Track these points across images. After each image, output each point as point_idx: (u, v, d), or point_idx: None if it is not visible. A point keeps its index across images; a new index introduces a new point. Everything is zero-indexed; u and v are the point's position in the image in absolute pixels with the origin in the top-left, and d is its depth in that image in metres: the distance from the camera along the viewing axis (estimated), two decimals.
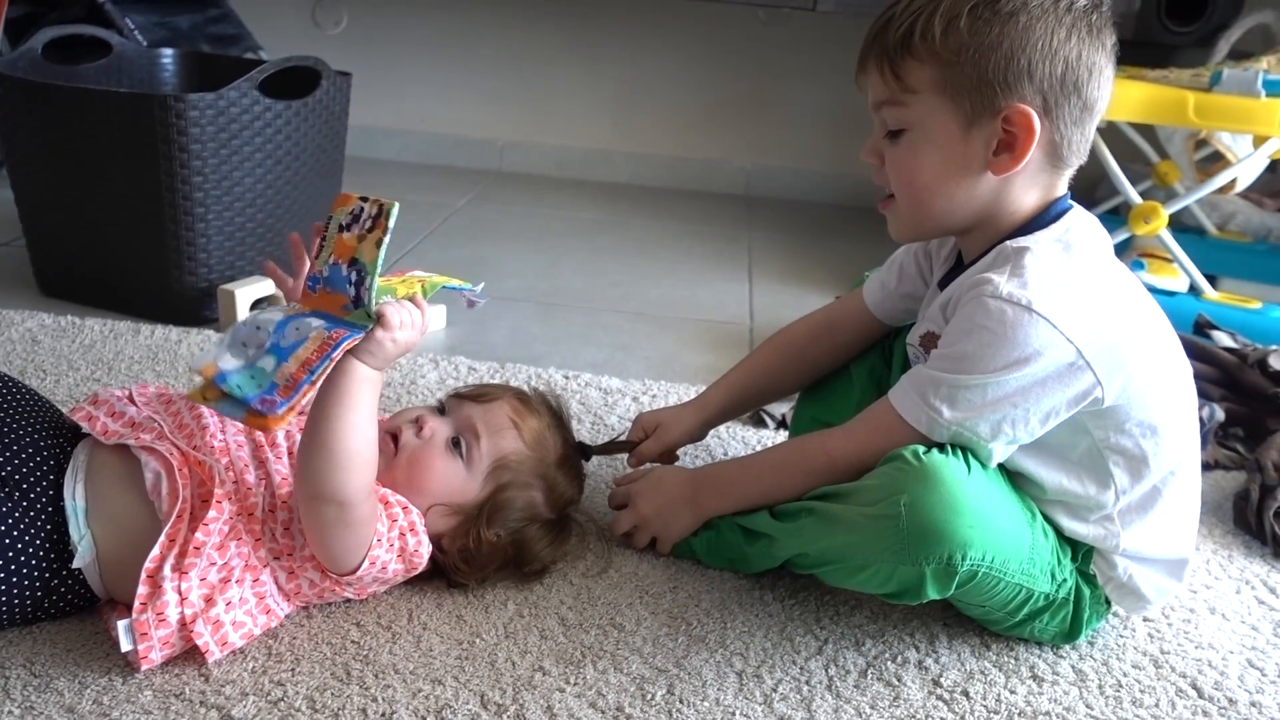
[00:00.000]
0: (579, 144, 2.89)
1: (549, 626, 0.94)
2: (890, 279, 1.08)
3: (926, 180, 0.89)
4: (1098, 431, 0.88)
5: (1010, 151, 0.86)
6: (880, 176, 0.93)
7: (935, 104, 0.86)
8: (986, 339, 0.84)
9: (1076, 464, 0.90)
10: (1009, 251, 0.87)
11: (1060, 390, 0.84)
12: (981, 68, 0.84)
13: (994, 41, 0.83)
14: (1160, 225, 1.72)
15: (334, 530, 0.86)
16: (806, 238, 2.47)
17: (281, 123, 1.60)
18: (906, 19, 0.86)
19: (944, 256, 1.02)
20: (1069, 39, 0.84)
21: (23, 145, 1.58)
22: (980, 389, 0.85)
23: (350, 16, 2.83)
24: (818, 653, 0.94)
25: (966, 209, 0.90)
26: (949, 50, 0.84)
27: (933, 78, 0.85)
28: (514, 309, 1.81)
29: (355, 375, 0.84)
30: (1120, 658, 0.97)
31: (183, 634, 0.82)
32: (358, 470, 0.85)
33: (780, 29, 2.73)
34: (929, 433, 0.88)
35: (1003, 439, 0.86)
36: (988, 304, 0.84)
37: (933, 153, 0.88)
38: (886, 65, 0.87)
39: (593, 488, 1.18)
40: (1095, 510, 0.91)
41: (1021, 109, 0.84)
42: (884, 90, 0.89)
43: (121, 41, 1.85)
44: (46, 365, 1.38)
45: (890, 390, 0.92)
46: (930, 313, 0.95)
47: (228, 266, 1.58)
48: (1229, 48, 2.08)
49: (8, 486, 0.85)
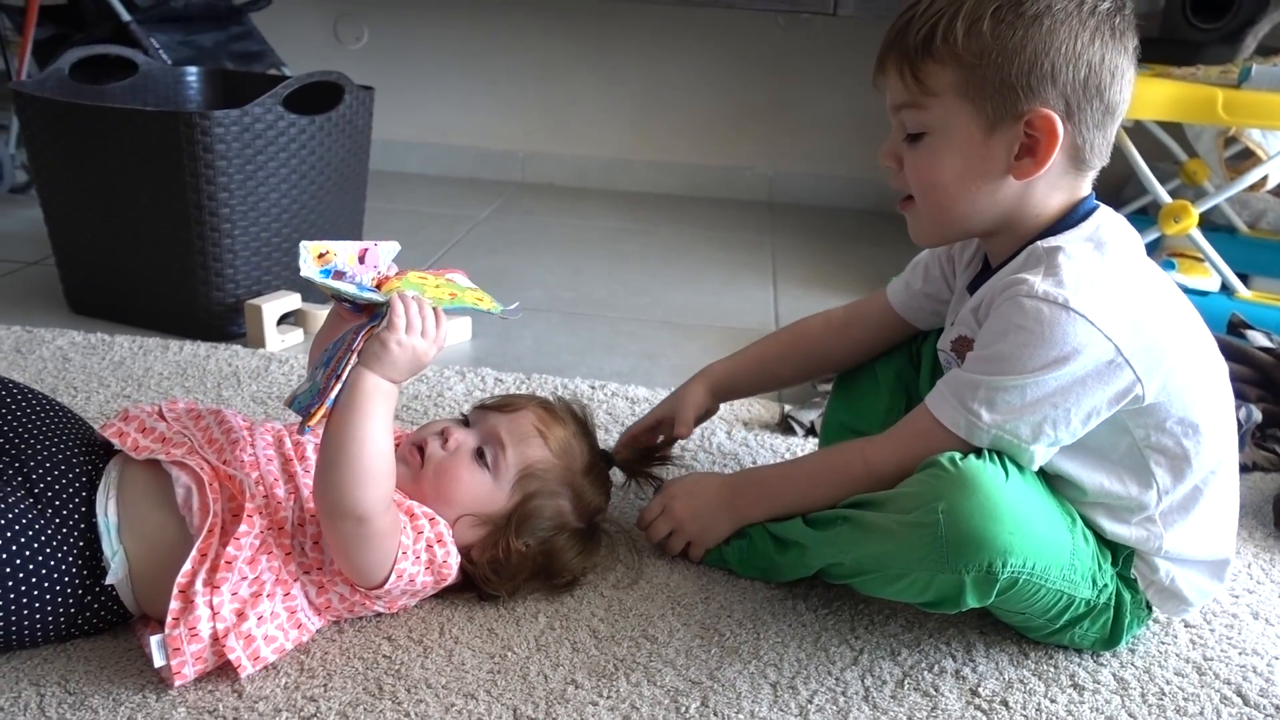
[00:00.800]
0: (600, 153, 2.90)
1: (581, 639, 0.93)
2: (915, 279, 1.08)
3: (947, 184, 0.88)
4: (1138, 430, 0.87)
5: (1032, 155, 0.85)
6: (898, 180, 0.92)
7: (956, 107, 0.85)
8: (1024, 339, 0.83)
9: (1117, 464, 0.89)
10: (1040, 252, 0.86)
11: (1100, 388, 0.83)
12: (1004, 71, 0.82)
13: (1017, 45, 0.82)
14: (1191, 224, 1.70)
15: (355, 545, 0.86)
16: (830, 243, 2.46)
17: (306, 138, 1.60)
18: (927, 21, 0.85)
19: (967, 260, 1.01)
20: (1092, 42, 0.82)
21: (51, 165, 1.60)
22: (1019, 390, 0.83)
23: (371, 32, 2.85)
24: (853, 663, 0.92)
25: (988, 213, 0.89)
26: (971, 53, 0.83)
27: (954, 80, 0.84)
28: (538, 319, 1.81)
29: (365, 386, 0.84)
30: (1163, 665, 0.95)
31: (215, 649, 0.82)
32: (373, 484, 0.84)
33: (800, 33, 2.72)
34: (968, 437, 0.86)
35: (1044, 440, 0.85)
36: (1024, 304, 0.83)
37: (953, 157, 0.87)
38: (906, 67, 0.86)
39: (621, 497, 1.17)
40: (1137, 511, 0.90)
41: (1044, 113, 0.83)
42: (903, 93, 0.88)
43: (147, 60, 1.87)
44: (77, 383, 1.39)
45: (927, 396, 0.91)
46: (961, 317, 0.94)
47: (254, 281, 1.59)
48: (1256, 43, 2.05)
49: (41, 503, 0.85)
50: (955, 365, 0.93)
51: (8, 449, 0.90)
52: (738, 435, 1.36)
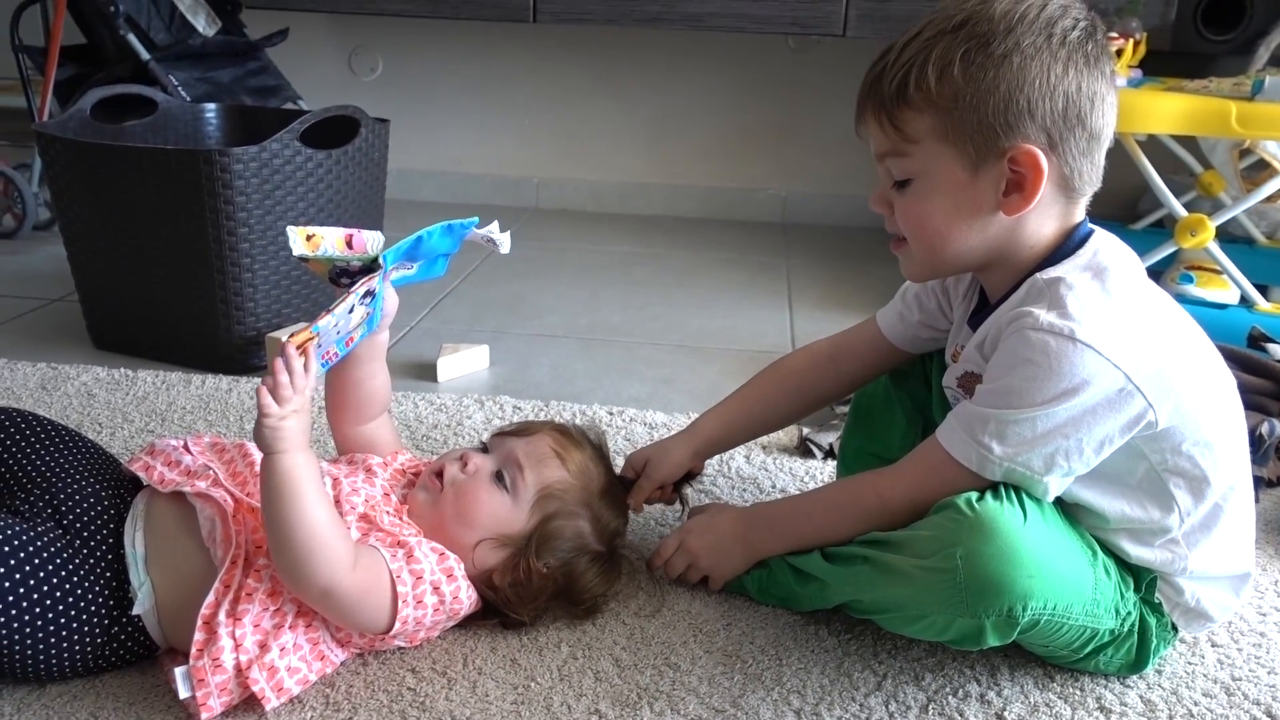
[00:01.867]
0: (613, 178, 2.92)
1: (603, 668, 0.93)
2: (910, 311, 1.07)
3: (937, 226, 0.88)
4: (1154, 455, 0.86)
5: (1020, 191, 0.84)
6: (892, 224, 0.92)
7: (938, 151, 0.85)
8: (1032, 372, 0.82)
9: (1136, 489, 0.88)
10: (1041, 284, 0.86)
11: (1112, 417, 0.83)
12: (981, 112, 0.82)
13: (990, 85, 0.82)
14: (1208, 237, 1.70)
15: (337, 612, 0.86)
16: (845, 262, 2.46)
17: (323, 171, 1.62)
18: (899, 70, 0.85)
19: (962, 292, 1.01)
20: (1066, 73, 0.82)
21: (74, 203, 1.62)
22: (1030, 422, 0.83)
23: (385, 63, 2.88)
24: (877, 689, 0.92)
25: (980, 249, 0.89)
26: (945, 98, 0.83)
27: (932, 126, 0.84)
28: (555, 345, 1.81)
29: (270, 469, 0.83)
30: (1190, 686, 0.94)
31: (239, 681, 0.83)
32: (316, 557, 0.82)
33: (810, 55, 2.74)
34: (980, 470, 0.86)
35: (1057, 472, 0.85)
36: (1030, 337, 0.82)
37: (942, 199, 0.87)
38: (885, 117, 0.86)
39: (641, 524, 1.17)
40: (1160, 535, 0.89)
41: (1026, 149, 0.83)
42: (885, 142, 0.88)
43: (166, 98, 1.90)
44: (102, 418, 1.41)
45: (938, 429, 0.91)
46: (967, 354, 0.94)
47: (274, 315, 1.61)
48: (1269, 55, 2.05)
49: (70, 534, 0.87)
50: (963, 400, 0.93)
51: (39, 481, 0.92)
52: (756, 459, 1.36)
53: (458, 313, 1.98)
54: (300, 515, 0.83)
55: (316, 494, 0.85)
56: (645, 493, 1.12)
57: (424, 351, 1.74)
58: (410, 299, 1.99)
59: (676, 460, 1.12)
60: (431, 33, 2.81)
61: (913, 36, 0.85)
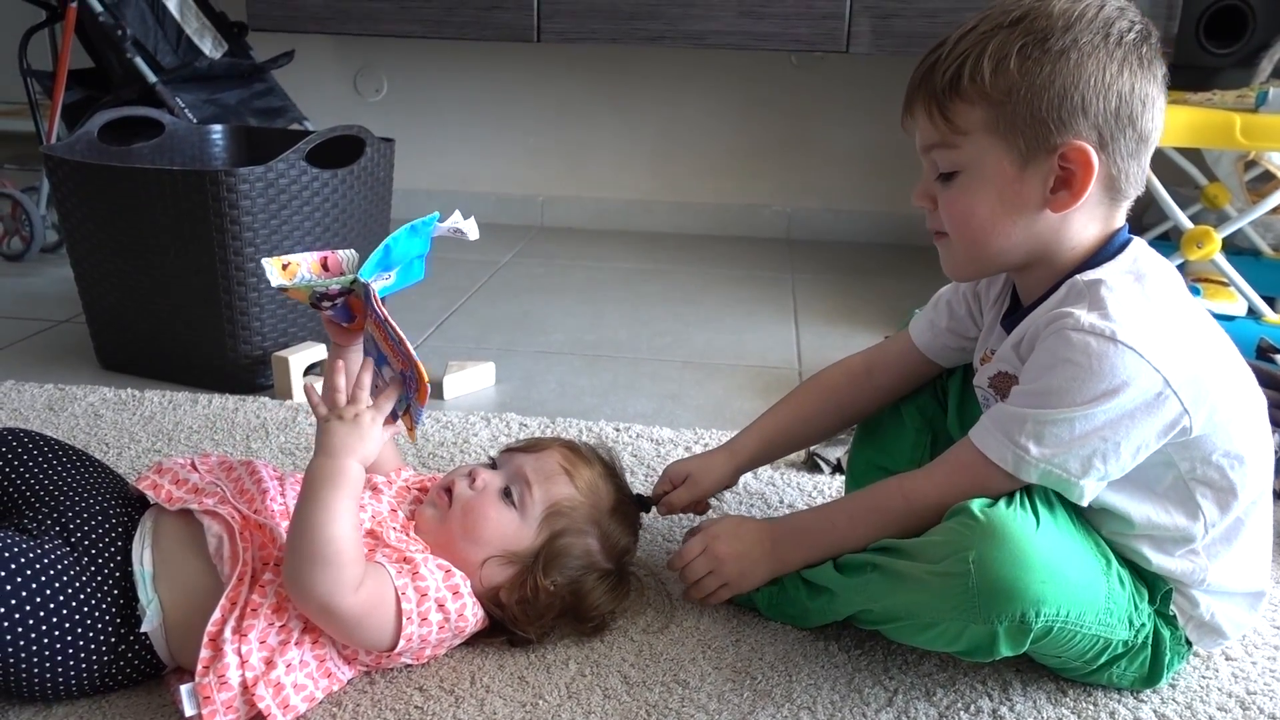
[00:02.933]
0: (618, 195, 2.92)
1: (612, 685, 0.93)
2: (940, 318, 1.07)
3: (983, 221, 0.88)
4: (1184, 464, 0.86)
5: (1068, 188, 0.84)
6: (933, 219, 0.92)
7: (988, 144, 0.85)
8: (1072, 372, 0.82)
9: (1163, 497, 0.88)
10: (1081, 286, 0.86)
11: (1149, 421, 0.82)
12: (1034, 107, 0.82)
13: (1046, 80, 0.82)
14: (1214, 249, 1.69)
15: (337, 630, 0.86)
16: (851, 278, 2.46)
17: (329, 191, 1.63)
18: (953, 61, 0.85)
19: (995, 295, 1.00)
20: (1121, 73, 0.83)
21: (81, 225, 1.63)
22: (1068, 423, 0.83)
23: (390, 83, 2.90)
24: (888, 704, 0.91)
25: (1024, 247, 0.88)
26: (1000, 91, 0.83)
27: (984, 119, 0.84)
28: (561, 362, 1.81)
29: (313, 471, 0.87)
30: (1204, 700, 0.93)
31: (245, 698, 0.82)
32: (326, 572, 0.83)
33: (813, 72, 2.74)
34: (1016, 471, 0.85)
35: (1094, 475, 0.84)
36: (1070, 337, 0.82)
37: (988, 194, 0.86)
38: (935, 108, 0.86)
39: (649, 540, 1.17)
40: (1183, 544, 0.89)
41: (1078, 145, 0.83)
42: (934, 133, 0.88)
43: (173, 120, 1.91)
44: (109, 439, 1.41)
45: (971, 430, 0.90)
46: (1001, 353, 0.93)
47: (280, 334, 1.61)
48: (1272, 67, 2.05)
49: (77, 551, 0.87)
50: (994, 401, 0.93)
51: (46, 500, 0.93)
52: (764, 474, 1.35)
53: (464, 330, 1.98)
54: (319, 527, 0.84)
55: (342, 511, 0.85)
56: (683, 504, 1.13)
57: (430, 369, 1.74)
58: (417, 317, 2.00)
59: (718, 477, 1.13)
60: (436, 53, 2.83)
61: (968, 30, 0.86)
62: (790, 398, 1.18)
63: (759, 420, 1.17)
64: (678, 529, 1.20)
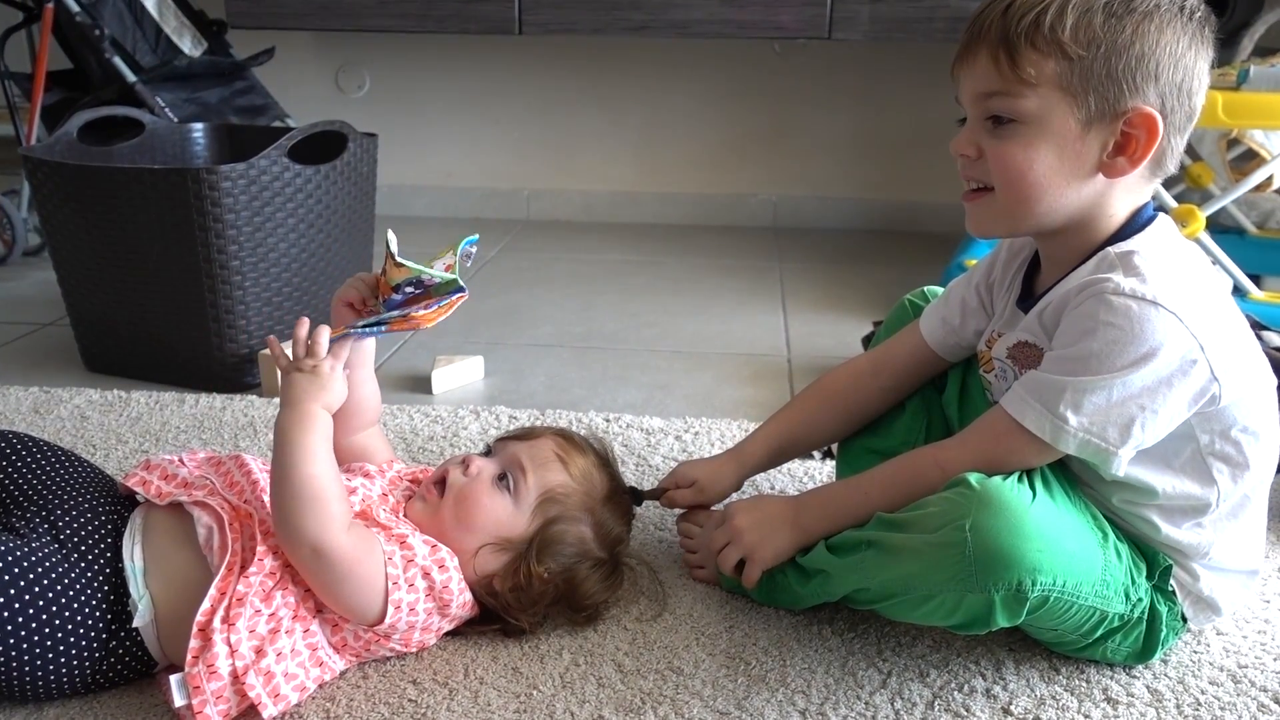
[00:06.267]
0: (604, 187, 2.92)
1: (606, 674, 0.93)
2: (953, 316, 1.05)
3: (1038, 177, 0.86)
4: (1204, 437, 0.87)
5: (1125, 154, 0.84)
6: (973, 169, 0.90)
7: (1054, 99, 0.83)
8: (1113, 335, 0.82)
9: (1179, 471, 0.88)
10: (1113, 256, 0.86)
11: (1183, 386, 0.82)
12: (1112, 66, 0.81)
13: (1127, 40, 0.81)
14: (1198, 228, 1.70)
15: (327, 579, 0.86)
16: (838, 265, 2.46)
17: (312, 187, 1.62)
18: (1031, 8, 0.83)
19: (1007, 283, 1.00)
20: (1190, 46, 0.83)
21: (63, 227, 1.62)
22: (1105, 390, 0.82)
23: (372, 79, 2.88)
24: (882, 686, 0.91)
25: (1067, 210, 0.87)
26: (1079, 44, 0.82)
27: (1056, 72, 0.83)
28: (550, 355, 1.81)
29: (281, 420, 0.89)
30: (1196, 674, 0.94)
31: (235, 688, 0.82)
32: (312, 510, 0.85)
33: (796, 59, 2.74)
34: (1054, 441, 0.85)
35: (1131, 443, 0.84)
36: (1111, 300, 0.82)
37: (1048, 149, 0.85)
38: (1004, 54, 0.84)
39: (641, 529, 1.17)
40: (1193, 515, 0.90)
41: (1146, 111, 0.82)
42: (995, 80, 0.85)
43: (153, 120, 1.90)
44: (96, 440, 1.40)
45: (1003, 398, 0.89)
46: (1025, 323, 0.93)
47: (266, 331, 1.60)
48: (1253, 45, 2.06)
49: (66, 548, 0.87)
50: (1014, 373, 0.92)
51: (35, 499, 0.92)
52: None
53: (451, 324, 1.95)
54: (294, 466, 0.86)
55: (315, 450, 0.87)
56: (685, 504, 1.14)
57: (418, 364, 1.74)
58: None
59: (724, 488, 1.14)
60: (418, 48, 2.82)
61: None
62: (796, 402, 1.18)
63: (765, 426, 1.17)
64: (670, 518, 1.20)
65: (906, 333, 1.11)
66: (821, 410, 1.14)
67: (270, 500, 0.88)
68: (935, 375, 1.10)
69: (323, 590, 0.87)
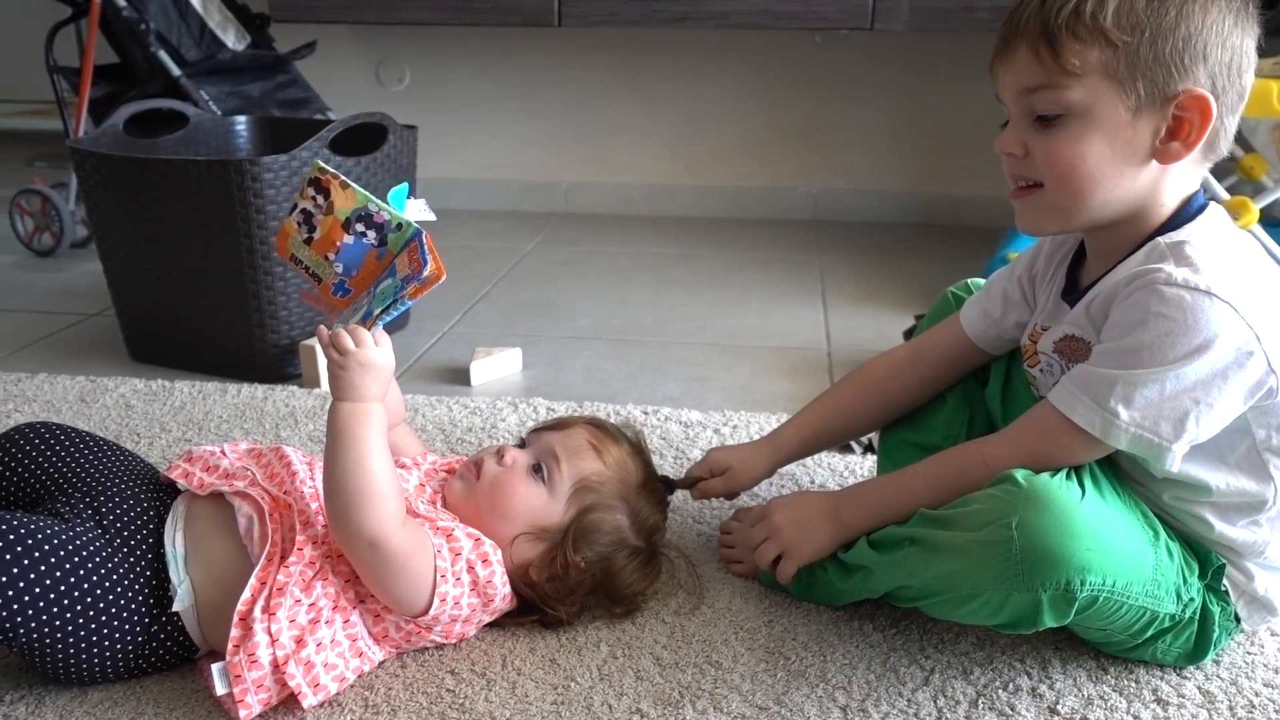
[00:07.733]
0: (642, 180, 2.91)
1: (644, 667, 0.92)
2: (994, 307, 1.03)
3: (1090, 170, 0.84)
4: (1260, 432, 0.85)
5: (1179, 138, 0.82)
6: (1020, 167, 0.88)
7: (1102, 88, 0.81)
8: (1166, 326, 0.80)
9: (1234, 467, 0.86)
10: (1163, 247, 0.84)
11: (1238, 379, 0.80)
12: (1159, 49, 0.80)
13: (1172, 23, 0.80)
14: (1251, 220, 1.66)
15: (381, 573, 0.86)
16: (878, 258, 2.44)
17: (353, 178, 1.62)
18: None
19: (1050, 276, 0.98)
20: (1236, 25, 0.81)
21: (109, 218, 1.64)
22: (1158, 383, 0.80)
23: (413, 73, 2.90)
24: (924, 683, 0.90)
25: (1122, 201, 0.85)
26: (1123, 30, 0.80)
27: (1101, 60, 0.81)
28: (588, 347, 1.81)
29: (339, 414, 0.87)
30: (1250, 676, 0.91)
31: (276, 677, 0.83)
32: (370, 505, 0.85)
33: (837, 51, 2.71)
34: (1104, 437, 0.83)
35: (1185, 438, 0.81)
36: (1164, 291, 0.80)
37: (1099, 140, 0.83)
38: (1045, 46, 0.82)
39: (679, 522, 1.16)
40: (1249, 513, 0.87)
41: (1198, 93, 0.80)
42: (1039, 74, 0.83)
43: (197, 113, 1.92)
44: (140, 429, 1.42)
45: (1051, 393, 0.87)
46: (1072, 317, 0.91)
47: (307, 323, 1.61)
48: None
49: (109, 533, 0.88)
50: (1060, 367, 0.91)
51: (79, 485, 0.94)
52: None
53: (490, 317, 1.98)
54: (357, 461, 0.85)
55: (372, 445, 0.87)
56: (717, 493, 1.13)
57: (457, 356, 1.74)
58: (443, 305, 2.00)
59: (757, 475, 1.13)
60: (457, 41, 2.83)
61: None
62: (832, 391, 1.16)
63: (800, 415, 1.16)
64: (708, 511, 1.20)
65: (946, 324, 1.09)
66: (857, 400, 1.13)
67: (325, 494, 0.87)
68: (974, 368, 1.08)
69: (374, 582, 0.87)
